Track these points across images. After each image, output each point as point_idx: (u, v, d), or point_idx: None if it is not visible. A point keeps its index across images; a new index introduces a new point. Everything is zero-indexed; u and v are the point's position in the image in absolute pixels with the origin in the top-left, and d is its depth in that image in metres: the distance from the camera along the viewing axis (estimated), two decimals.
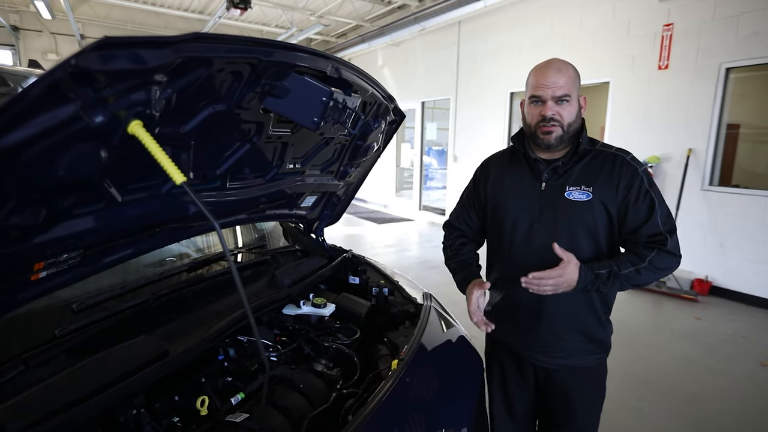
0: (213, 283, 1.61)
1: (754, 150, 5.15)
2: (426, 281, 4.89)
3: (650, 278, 1.31)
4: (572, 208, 1.34)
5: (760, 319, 4.10)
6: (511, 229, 1.44)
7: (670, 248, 1.29)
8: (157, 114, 0.81)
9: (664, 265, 1.30)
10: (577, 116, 1.33)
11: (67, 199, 0.84)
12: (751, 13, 4.22)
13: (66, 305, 1.21)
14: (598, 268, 1.28)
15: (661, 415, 2.59)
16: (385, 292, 1.84)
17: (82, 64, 0.61)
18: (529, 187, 1.41)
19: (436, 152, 10.49)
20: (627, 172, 1.31)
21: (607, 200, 1.32)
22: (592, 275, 1.28)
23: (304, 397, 1.22)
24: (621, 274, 1.28)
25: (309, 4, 8.56)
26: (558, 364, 1.44)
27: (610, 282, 1.28)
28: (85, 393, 0.91)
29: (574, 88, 1.30)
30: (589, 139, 1.38)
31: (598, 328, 1.42)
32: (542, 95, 1.29)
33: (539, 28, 6.26)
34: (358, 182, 2.07)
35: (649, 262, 1.28)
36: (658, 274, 1.31)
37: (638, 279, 1.30)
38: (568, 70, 1.30)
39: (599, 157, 1.36)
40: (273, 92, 1.10)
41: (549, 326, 1.41)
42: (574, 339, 1.42)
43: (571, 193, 1.34)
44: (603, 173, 1.33)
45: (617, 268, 1.28)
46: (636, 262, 1.29)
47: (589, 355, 1.44)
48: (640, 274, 1.29)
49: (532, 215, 1.40)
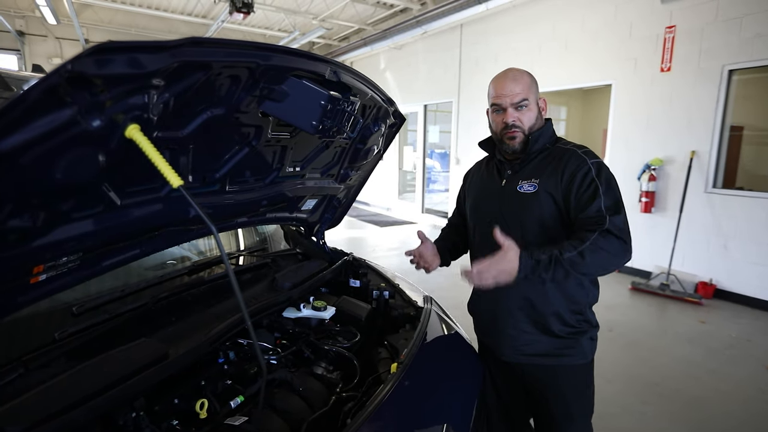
0: (213, 286, 1.61)
1: (757, 152, 5.13)
2: (428, 284, 4.87)
3: (597, 263, 1.24)
4: (521, 201, 1.39)
5: (765, 323, 4.06)
6: (474, 225, 1.57)
7: (610, 227, 1.24)
8: (154, 118, 0.82)
9: (608, 248, 1.23)
10: (537, 119, 1.42)
11: (65, 202, 0.85)
12: (754, 15, 4.21)
13: (66, 308, 1.22)
14: (539, 254, 1.25)
15: (664, 419, 2.57)
16: (385, 296, 1.83)
17: (79, 68, 0.61)
18: (492, 186, 1.52)
19: (438, 155, 10.49)
20: (574, 162, 1.35)
21: (553, 190, 1.35)
22: (531, 261, 1.23)
23: (303, 400, 1.22)
24: (563, 259, 1.22)
25: (311, 8, 8.60)
26: (528, 361, 1.46)
27: (552, 268, 1.23)
28: (84, 395, 0.91)
29: (531, 93, 1.40)
30: (555, 139, 1.46)
31: (560, 326, 1.41)
32: (501, 103, 1.39)
33: (541, 30, 6.26)
34: (359, 185, 2.07)
35: (591, 242, 1.23)
36: (604, 259, 1.24)
37: (583, 264, 1.23)
38: (524, 78, 1.40)
39: (553, 153, 1.42)
40: (271, 96, 1.10)
41: (508, 320, 1.45)
42: (535, 333, 1.43)
43: (522, 186, 1.40)
44: (551, 166, 1.38)
45: (558, 252, 1.24)
46: (577, 244, 1.24)
47: (558, 355, 1.43)
48: (583, 257, 1.22)
49: (492, 212, 1.48)
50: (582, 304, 1.43)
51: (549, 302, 1.40)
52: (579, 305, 1.43)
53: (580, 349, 1.43)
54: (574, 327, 1.42)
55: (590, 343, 1.46)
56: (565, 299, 1.41)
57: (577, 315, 1.43)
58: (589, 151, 1.39)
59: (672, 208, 4.91)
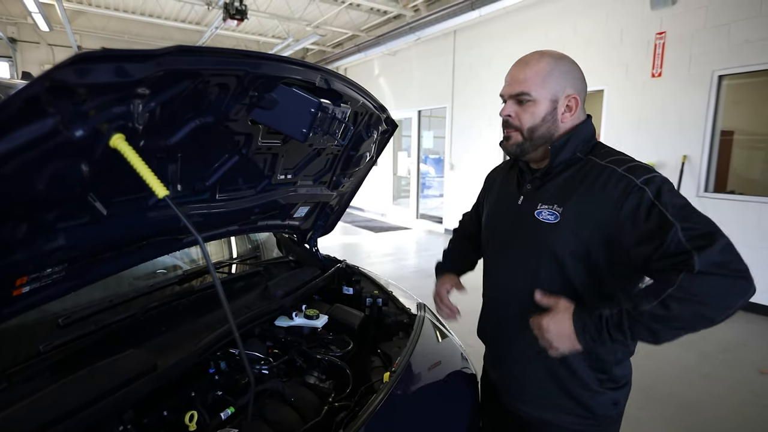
0: (204, 295, 1.59)
1: (748, 156, 5.18)
2: (423, 290, 4.85)
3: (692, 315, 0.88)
4: (538, 231, 1.08)
5: (758, 326, 4.08)
6: (486, 241, 1.32)
7: (703, 268, 0.86)
8: (140, 127, 0.81)
9: (704, 294, 0.87)
10: (544, 120, 1.08)
11: (49, 213, 0.83)
12: (742, 22, 4.26)
13: (51, 319, 1.20)
14: (602, 310, 0.96)
15: (658, 424, 2.57)
16: (379, 303, 1.82)
17: (60, 77, 0.60)
18: (509, 200, 1.22)
19: (432, 160, 10.53)
20: (615, 187, 0.99)
21: (579, 225, 1.02)
22: (594, 321, 0.95)
23: (295, 410, 1.20)
24: (641, 312, 0.90)
25: (305, 15, 8.63)
26: (530, 414, 1.20)
27: (625, 325, 0.91)
28: (70, 409, 0.90)
29: (543, 86, 1.06)
30: (592, 146, 1.12)
31: (577, 386, 1.11)
32: (503, 93, 1.13)
33: (534, 36, 6.31)
34: (351, 192, 2.06)
35: (678, 287, 0.87)
36: (701, 308, 0.87)
37: (671, 318, 0.88)
38: (539, 64, 1.07)
39: (585, 169, 1.07)
40: (261, 104, 1.10)
41: (515, 360, 1.20)
42: (545, 383, 1.15)
43: (540, 212, 1.08)
44: (580, 189, 1.04)
45: (631, 305, 0.92)
46: (659, 291, 0.90)
47: (569, 415, 1.14)
48: (668, 309, 0.88)
49: (505, 232, 1.22)
50: (606, 361, 1.10)
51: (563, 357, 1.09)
52: (602, 362, 1.10)
53: (590, 416, 1.13)
54: (591, 389, 1.11)
55: (608, 410, 1.13)
56: (582, 355, 1.08)
57: (599, 373, 1.11)
58: (634, 167, 1.00)
59: None
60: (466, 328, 1.60)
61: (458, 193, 8.07)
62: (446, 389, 1.42)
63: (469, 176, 7.73)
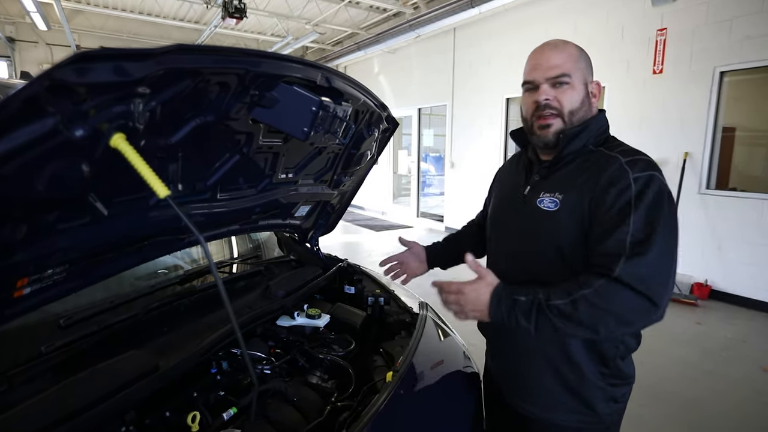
0: (206, 295, 1.59)
1: (750, 153, 5.16)
2: (424, 289, 4.85)
3: (593, 319, 0.91)
4: (539, 219, 1.09)
5: (760, 323, 4.08)
6: (490, 234, 1.33)
7: (621, 275, 0.89)
8: (141, 126, 0.80)
9: (611, 302, 0.90)
10: (582, 104, 1.07)
11: (49, 214, 0.83)
12: (743, 17, 4.25)
13: (53, 321, 1.19)
14: (521, 294, 0.98)
15: (661, 421, 2.56)
16: (380, 302, 1.82)
17: (59, 77, 0.60)
18: (516, 191, 1.21)
19: (433, 158, 10.50)
20: (611, 176, 1.00)
21: (576, 212, 1.03)
22: (508, 301, 0.98)
23: (297, 410, 1.20)
24: (550, 305, 0.93)
25: (304, 13, 8.61)
26: (529, 412, 1.20)
27: (533, 314, 0.94)
28: (71, 411, 0.89)
29: (577, 69, 1.06)
30: (605, 138, 1.11)
31: (578, 380, 1.10)
32: (535, 78, 1.08)
33: (534, 33, 6.29)
34: (352, 191, 2.05)
35: (593, 291, 0.90)
36: (605, 315, 0.90)
37: (574, 318, 0.91)
38: (567, 48, 1.08)
39: (592, 159, 1.07)
40: (261, 103, 1.09)
41: (513, 353, 1.21)
42: (547, 380, 1.14)
43: (542, 200, 1.09)
44: (585, 176, 1.04)
45: (546, 297, 0.94)
46: (574, 290, 0.93)
47: (569, 413, 1.13)
48: (576, 309, 0.91)
49: (506, 221, 1.24)
50: (608, 355, 1.09)
51: (564, 349, 1.10)
52: (604, 356, 1.10)
53: (591, 413, 1.12)
54: (592, 382, 1.10)
55: (608, 406, 1.12)
56: (585, 348, 1.09)
57: (602, 367, 1.10)
58: (638, 160, 1.00)
59: None
60: (468, 327, 1.59)
61: (459, 191, 8.06)
62: (449, 388, 1.42)
63: (470, 174, 7.72)
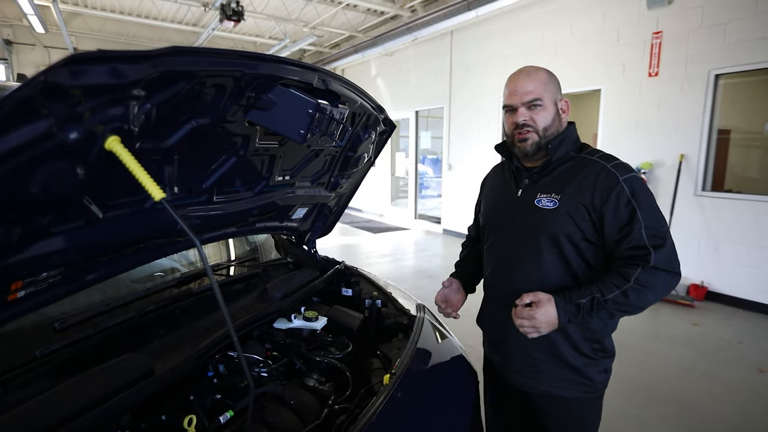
0: (202, 297, 1.58)
1: (745, 155, 5.19)
2: (422, 291, 4.86)
3: (642, 301, 1.16)
4: (538, 216, 1.27)
5: (756, 324, 4.09)
6: (487, 233, 1.46)
7: (657, 263, 1.15)
8: (136, 129, 0.80)
9: (653, 284, 1.16)
10: (554, 121, 1.28)
11: (44, 216, 0.82)
12: (737, 21, 4.27)
13: (48, 324, 1.19)
14: (578, 298, 1.17)
15: (658, 423, 2.56)
16: (378, 304, 1.81)
17: (53, 79, 0.59)
18: (507, 194, 1.39)
19: (430, 161, 10.53)
20: (604, 180, 1.20)
21: (574, 210, 1.22)
22: (572, 307, 1.17)
23: (295, 414, 1.19)
24: (606, 300, 1.15)
25: (302, 16, 8.62)
26: (534, 389, 1.35)
27: (595, 311, 1.16)
28: (66, 415, 0.89)
29: (547, 92, 1.26)
30: (580, 145, 1.32)
31: (577, 356, 1.29)
32: (513, 103, 1.27)
33: (530, 36, 6.32)
34: (349, 193, 2.05)
35: (635, 281, 1.14)
36: (650, 295, 1.16)
37: (627, 304, 1.16)
38: (539, 75, 1.27)
39: (578, 164, 1.27)
40: (258, 105, 1.09)
41: (517, 342, 1.33)
42: (548, 361, 1.31)
43: (540, 200, 1.27)
44: (575, 180, 1.24)
45: (600, 294, 1.16)
46: (621, 283, 1.16)
47: (571, 385, 1.31)
48: (627, 297, 1.15)
49: (505, 223, 1.38)
50: (598, 332, 1.30)
51: (565, 333, 1.27)
52: (596, 333, 1.29)
53: (589, 382, 1.30)
54: (588, 357, 1.29)
55: (601, 376, 1.32)
56: (579, 327, 1.28)
57: (594, 343, 1.30)
58: (619, 164, 1.23)
59: (663, 211, 4.94)
60: (465, 329, 1.60)
61: (456, 193, 8.07)
62: (447, 390, 1.41)
63: (467, 176, 7.73)
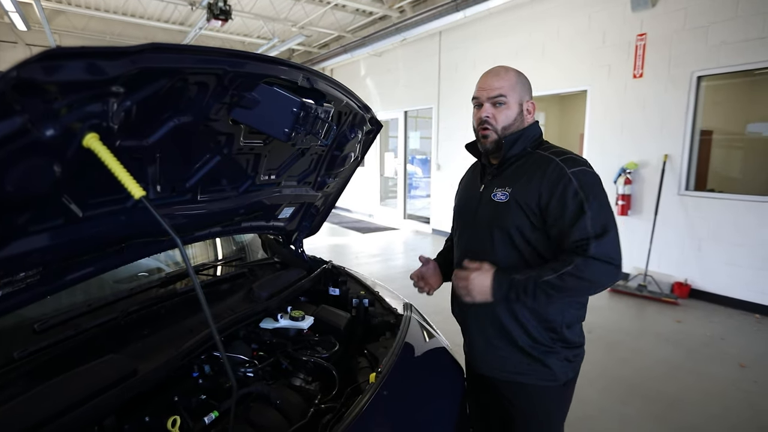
0: (187, 298, 1.56)
1: (726, 155, 5.30)
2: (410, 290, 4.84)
3: (578, 287, 1.19)
4: (493, 209, 1.33)
5: (737, 321, 4.17)
6: (455, 227, 1.53)
7: (595, 254, 1.17)
8: (115, 126, 0.78)
9: (591, 273, 1.17)
10: (516, 121, 1.33)
11: (21, 214, 0.80)
12: (719, 23, 4.36)
13: (27, 325, 1.16)
14: (515, 274, 1.23)
15: (644, 420, 2.60)
16: (365, 303, 1.81)
17: (26, 75, 0.58)
18: (473, 190, 1.46)
19: (419, 161, 10.54)
20: (552, 173, 1.24)
21: (523, 201, 1.27)
22: (507, 282, 1.22)
23: (280, 413, 1.19)
24: (542, 282, 1.19)
25: (290, 15, 8.58)
26: (496, 375, 1.39)
27: (530, 290, 1.20)
28: (45, 417, 0.87)
29: (513, 91, 1.31)
30: (539, 143, 1.36)
31: (533, 344, 1.32)
32: (479, 97, 1.34)
33: (518, 38, 6.37)
34: (336, 192, 2.05)
35: (574, 267, 1.17)
36: (587, 284, 1.19)
37: (563, 287, 1.18)
38: (508, 74, 1.33)
39: (531, 159, 1.32)
40: (241, 103, 1.08)
41: (477, 329, 1.41)
42: (505, 348, 1.35)
43: (495, 194, 1.33)
44: (526, 174, 1.29)
45: (537, 274, 1.20)
46: (558, 267, 1.19)
47: (531, 372, 1.33)
48: (563, 281, 1.17)
49: (469, 216, 1.44)
50: (555, 322, 1.31)
51: (515, 315, 1.32)
52: (551, 323, 1.31)
53: (548, 371, 1.32)
54: (544, 345, 1.32)
55: (563, 365, 1.33)
56: (533, 315, 1.31)
57: (550, 333, 1.32)
58: (570, 158, 1.26)
59: (647, 211, 5.02)
60: (452, 327, 1.60)
61: (445, 193, 8.09)
62: (433, 388, 1.42)
63: (456, 176, 7.68)
